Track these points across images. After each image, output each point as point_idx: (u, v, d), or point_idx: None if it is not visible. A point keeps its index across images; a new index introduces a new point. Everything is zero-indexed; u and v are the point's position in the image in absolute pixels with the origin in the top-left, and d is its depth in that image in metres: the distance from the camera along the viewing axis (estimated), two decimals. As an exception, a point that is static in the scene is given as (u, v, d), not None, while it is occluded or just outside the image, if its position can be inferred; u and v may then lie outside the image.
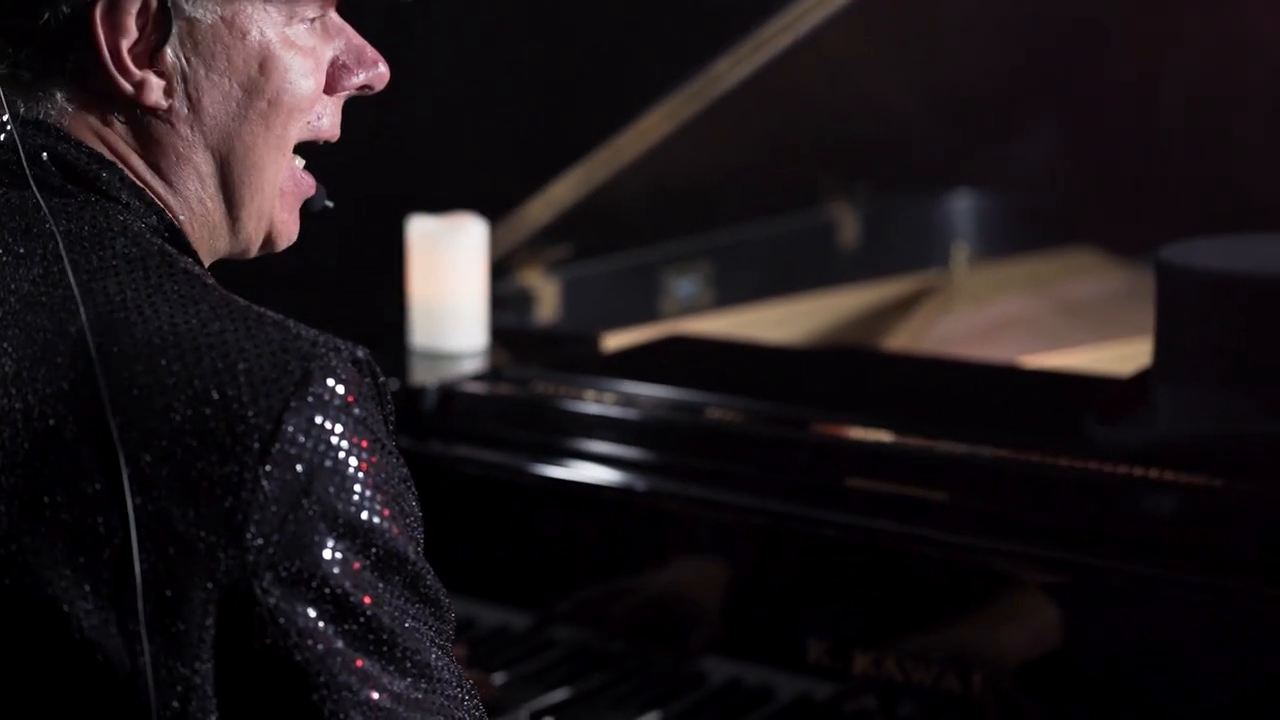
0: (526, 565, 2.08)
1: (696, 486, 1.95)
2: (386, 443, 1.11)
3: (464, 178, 2.91)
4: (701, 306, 2.90)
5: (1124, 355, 2.40)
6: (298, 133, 1.24)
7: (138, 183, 1.19)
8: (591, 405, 2.10)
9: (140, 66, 1.18)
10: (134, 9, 1.16)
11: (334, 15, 1.25)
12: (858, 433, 1.94)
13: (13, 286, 1.12)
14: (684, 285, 2.88)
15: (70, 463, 1.05)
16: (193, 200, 1.22)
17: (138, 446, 1.04)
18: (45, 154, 1.17)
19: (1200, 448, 1.73)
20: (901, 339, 2.72)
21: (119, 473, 1.04)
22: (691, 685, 1.95)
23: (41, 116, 1.18)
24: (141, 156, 1.21)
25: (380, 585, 1.08)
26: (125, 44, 1.17)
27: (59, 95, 1.19)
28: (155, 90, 1.18)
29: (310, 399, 1.06)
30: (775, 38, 2.48)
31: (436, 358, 2.32)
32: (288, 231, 1.28)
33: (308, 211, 1.30)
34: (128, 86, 1.18)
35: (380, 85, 1.27)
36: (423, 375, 2.22)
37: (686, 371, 2.23)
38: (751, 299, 2.87)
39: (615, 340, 2.48)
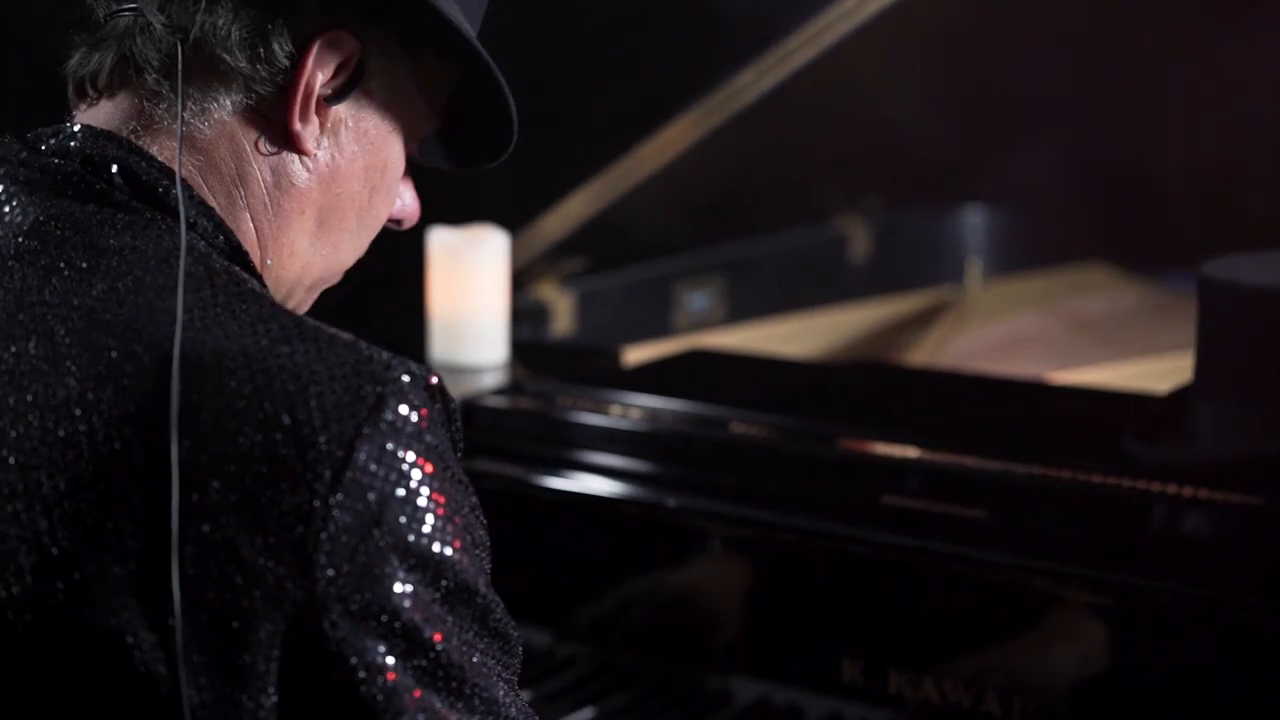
0: (550, 582, 2.05)
1: (726, 503, 1.93)
2: (457, 471, 1.08)
3: (477, 190, 2.89)
4: (714, 321, 2.88)
5: (1142, 373, 2.39)
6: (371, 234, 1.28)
7: (208, 201, 1.17)
8: (615, 420, 2.08)
9: (317, 109, 1.18)
10: (342, 56, 1.17)
11: None
12: (892, 449, 1.93)
13: (75, 303, 1.09)
14: (697, 299, 2.87)
15: (137, 488, 1.02)
16: (285, 250, 1.22)
17: (206, 472, 1.02)
18: (115, 166, 1.15)
19: (1242, 465, 1.72)
20: (919, 355, 2.71)
21: (186, 500, 1.01)
22: (719, 705, 1.93)
23: (191, 117, 1.16)
24: (265, 190, 1.19)
25: (450, 619, 1.05)
26: (318, 81, 1.17)
27: (229, 102, 1.17)
28: (313, 135, 1.18)
29: (383, 426, 1.03)
30: (793, 54, 2.48)
31: (457, 372, 2.29)
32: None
33: None
34: (298, 123, 1.17)
35: (410, 223, 1.32)
36: (444, 390, 2.20)
37: (709, 385, 2.21)
38: (764, 313, 2.85)
39: (631, 354, 2.46)
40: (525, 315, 2.60)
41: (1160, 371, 2.37)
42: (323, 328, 1.08)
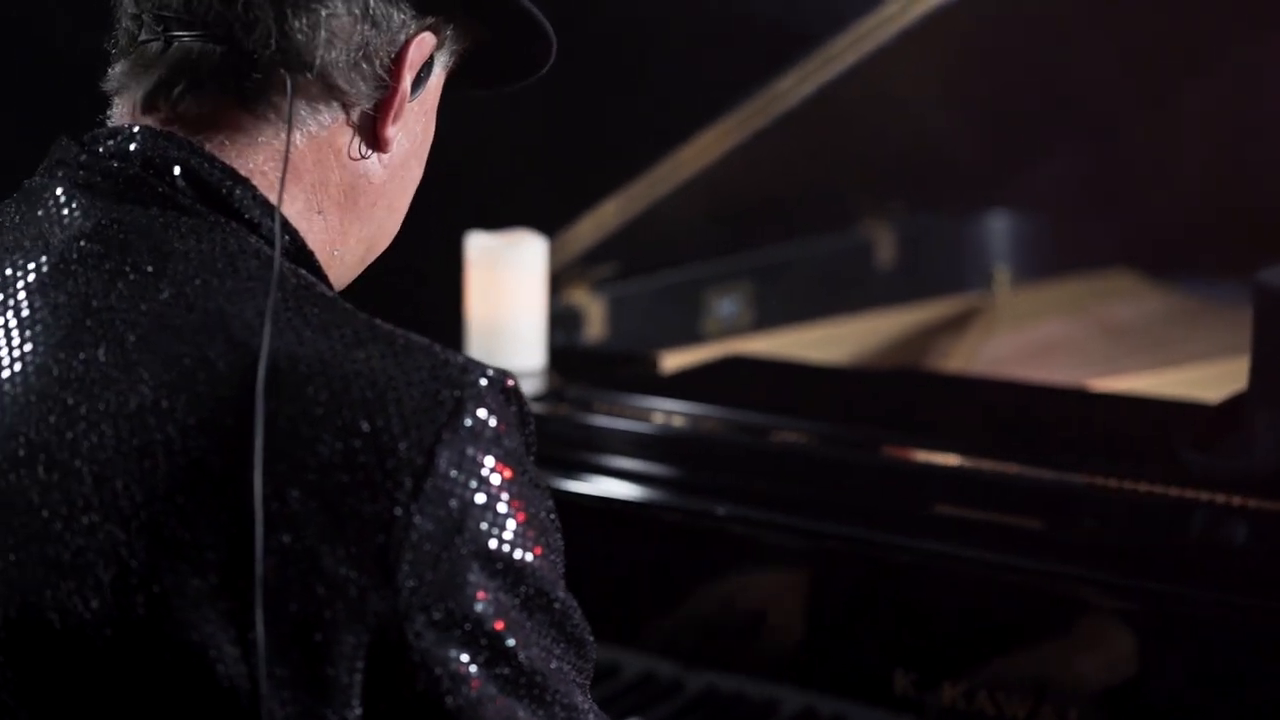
0: (591, 590, 2.02)
1: (770, 510, 1.91)
2: (534, 474, 1.07)
3: (515, 196, 2.87)
4: (743, 327, 2.86)
5: (1177, 380, 2.38)
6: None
7: (271, 200, 1.14)
8: (655, 427, 2.06)
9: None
10: (425, 55, 1.17)
11: None
12: (937, 456, 1.91)
13: (143, 308, 1.06)
14: (725, 305, 2.85)
15: (215, 498, 1.00)
16: (352, 239, 1.20)
17: (285, 481, 0.99)
18: (178, 168, 1.12)
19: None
20: (949, 361, 2.69)
21: (266, 510, 0.99)
22: (764, 715, 1.91)
23: (305, 128, 1.15)
24: (343, 193, 1.18)
25: (528, 625, 1.04)
26: (408, 85, 1.16)
27: (328, 118, 1.15)
28: (395, 134, 1.18)
29: (463, 431, 1.01)
30: (827, 63, 2.47)
31: (495, 378, 2.27)
32: None
33: None
34: (390, 127, 1.17)
35: None
36: (481, 396, 2.18)
37: (750, 392, 2.20)
38: (792, 319, 2.84)
39: (664, 360, 2.45)
40: (559, 320, 2.58)
41: (1195, 379, 2.36)
42: (396, 331, 1.06)
